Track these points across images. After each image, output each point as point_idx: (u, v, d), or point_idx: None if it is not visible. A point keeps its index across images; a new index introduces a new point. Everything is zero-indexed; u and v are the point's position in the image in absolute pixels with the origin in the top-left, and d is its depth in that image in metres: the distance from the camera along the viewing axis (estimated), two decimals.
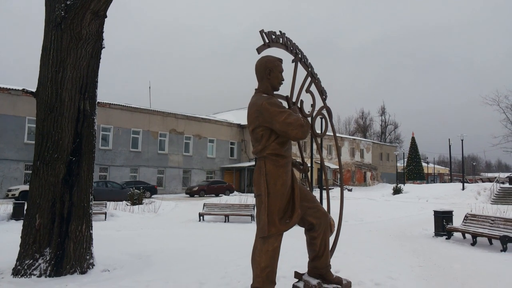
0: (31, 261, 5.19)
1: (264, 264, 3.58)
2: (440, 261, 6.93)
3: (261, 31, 3.95)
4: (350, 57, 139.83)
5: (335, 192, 27.15)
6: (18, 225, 6.75)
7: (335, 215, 4.13)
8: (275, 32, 4.11)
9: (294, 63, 4.38)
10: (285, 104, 4.01)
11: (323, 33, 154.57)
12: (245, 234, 9.29)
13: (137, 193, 19.03)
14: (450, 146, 41.62)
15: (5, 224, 12.17)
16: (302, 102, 4.30)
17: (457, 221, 10.64)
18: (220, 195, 29.81)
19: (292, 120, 3.54)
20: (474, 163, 73.09)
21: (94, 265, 5.65)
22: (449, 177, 53.61)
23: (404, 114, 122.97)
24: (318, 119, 4.80)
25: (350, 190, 38.39)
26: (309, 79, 4.56)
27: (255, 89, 3.91)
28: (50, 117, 5.48)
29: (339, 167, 4.94)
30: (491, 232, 8.77)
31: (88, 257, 5.58)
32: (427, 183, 53.73)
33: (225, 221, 13.96)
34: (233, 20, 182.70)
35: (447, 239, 9.80)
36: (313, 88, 4.60)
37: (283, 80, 3.95)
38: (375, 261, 6.53)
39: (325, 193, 5.08)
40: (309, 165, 4.55)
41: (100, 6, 5.52)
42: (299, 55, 4.45)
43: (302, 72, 4.46)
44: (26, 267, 5.17)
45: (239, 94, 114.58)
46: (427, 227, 11.54)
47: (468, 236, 9.48)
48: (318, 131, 4.68)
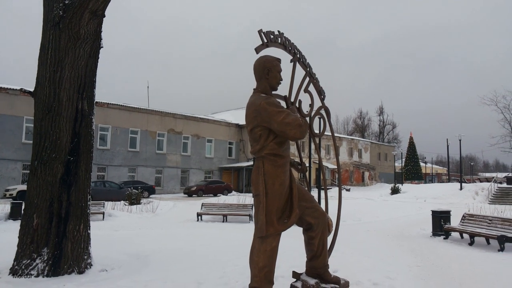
0: (29, 261, 5.18)
1: (262, 264, 3.58)
2: (438, 261, 6.95)
3: (260, 31, 3.95)
4: (348, 57, 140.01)
5: (333, 192, 27.25)
6: (16, 225, 6.74)
7: (333, 215, 4.14)
8: (273, 32, 4.11)
9: (292, 63, 4.39)
10: (283, 104, 4.01)
11: (322, 33, 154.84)
12: (243, 234, 9.29)
13: (135, 193, 19.02)
14: (448, 146, 41.73)
15: (2, 224, 12.15)
16: (300, 102, 4.30)
17: (454, 221, 10.67)
18: (218, 195, 29.80)
19: (290, 120, 3.54)
20: (472, 163, 73.27)
21: (92, 265, 5.64)
22: (447, 177, 53.66)
23: (402, 114, 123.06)
24: (316, 119, 4.81)
25: (348, 190, 38.41)
26: (307, 79, 4.56)
27: (254, 89, 3.91)
28: (48, 116, 5.47)
29: (337, 167, 4.94)
30: (488, 232, 8.80)
31: (86, 257, 5.57)
32: (425, 183, 53.78)
33: (223, 221, 13.96)
34: (232, 20, 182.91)
35: (445, 239, 9.83)
36: (312, 88, 4.61)
37: (282, 80, 3.95)
38: (373, 261, 6.54)
39: (323, 193, 5.09)
40: (307, 165, 4.55)
41: (98, 5, 5.51)
42: (298, 55, 4.45)
43: (300, 72, 4.47)
44: (23, 267, 5.16)
45: (238, 94, 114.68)
46: (425, 227, 11.57)
47: (466, 236, 9.50)
48: (316, 131, 4.68)
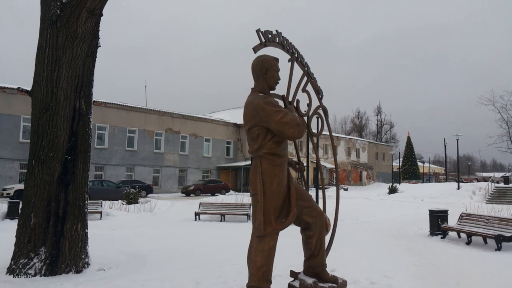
0: (26, 260, 5.17)
1: (260, 263, 3.58)
2: (435, 260, 6.97)
3: (258, 31, 3.94)
4: (347, 56, 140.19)
5: (331, 191, 27.28)
6: (13, 224, 6.72)
7: (331, 214, 4.14)
8: (271, 32, 4.11)
9: (290, 63, 4.39)
10: (281, 103, 4.02)
11: (321, 32, 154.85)
12: (241, 233, 9.29)
13: (132, 192, 19.00)
14: (445, 145, 41.77)
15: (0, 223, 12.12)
16: (298, 101, 4.30)
17: (452, 221, 10.70)
18: (216, 194, 29.78)
19: (288, 119, 3.54)
20: (469, 163, 73.47)
21: (89, 264, 5.64)
22: (444, 176, 53.84)
23: (400, 113, 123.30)
24: (314, 119, 4.81)
25: (346, 190, 38.49)
26: (305, 78, 4.56)
27: (252, 88, 3.90)
28: (45, 115, 5.45)
29: (335, 166, 4.94)
30: (486, 231, 8.83)
31: (83, 256, 5.57)
32: (423, 182, 53.95)
33: (221, 220, 13.96)
34: (231, 20, 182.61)
35: (442, 238, 9.85)
36: (309, 88, 4.60)
37: (280, 79, 3.95)
38: (370, 260, 6.55)
39: (321, 192, 5.09)
40: (305, 164, 4.55)
41: (96, 4, 5.49)
42: (295, 55, 4.45)
43: (298, 72, 4.47)
44: (21, 266, 5.15)
45: (236, 94, 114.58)
46: (422, 226, 11.59)
47: (463, 235, 9.53)
48: (314, 130, 4.68)
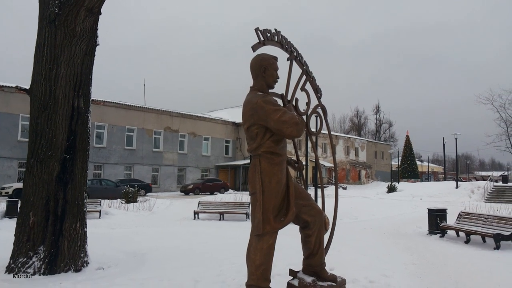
0: (25, 259, 5.16)
1: (259, 262, 3.58)
2: (433, 259, 6.98)
3: (256, 29, 3.94)
4: (346, 55, 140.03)
5: (330, 190, 27.29)
6: (12, 223, 6.71)
7: (329, 213, 4.14)
8: (270, 30, 4.10)
9: (289, 61, 4.38)
10: (280, 102, 4.01)
11: (320, 30, 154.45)
12: (240, 232, 9.30)
13: (131, 191, 19.00)
14: (444, 144, 41.91)
15: None
16: (297, 100, 4.30)
17: (450, 219, 10.72)
18: (215, 193, 29.79)
19: (287, 118, 3.54)
20: (468, 162, 73.62)
21: (88, 263, 5.63)
22: (443, 175, 53.93)
23: (399, 112, 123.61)
24: (313, 117, 4.80)
25: (345, 188, 38.50)
26: (304, 77, 4.55)
27: (250, 87, 3.90)
28: (43, 114, 5.44)
29: (333, 165, 4.94)
30: (484, 230, 8.84)
31: (82, 255, 5.56)
32: (421, 181, 54.01)
33: (220, 219, 13.97)
34: (230, 19, 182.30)
35: (441, 237, 9.87)
36: (308, 86, 4.60)
37: (278, 78, 3.94)
38: (369, 259, 6.56)
39: (320, 191, 5.09)
40: (304, 163, 4.55)
41: (94, 3, 5.48)
42: (294, 53, 4.44)
43: (297, 70, 4.46)
44: (19, 265, 5.14)
45: (234, 92, 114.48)
46: (421, 225, 11.62)
47: (462, 234, 9.55)
48: (313, 129, 4.68)
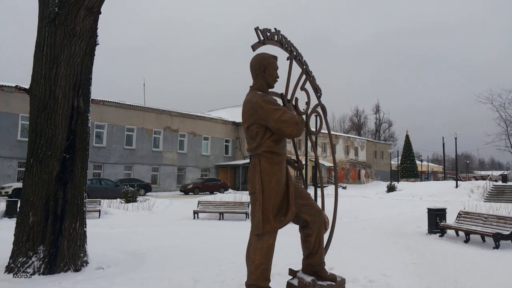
0: (25, 258, 5.16)
1: (258, 261, 3.58)
2: (433, 258, 6.98)
3: (256, 28, 3.94)
4: (346, 55, 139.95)
5: (330, 189, 27.31)
6: (11, 223, 6.70)
7: (329, 212, 4.14)
8: (270, 30, 4.10)
9: (289, 61, 4.38)
10: (280, 101, 4.01)
11: (320, 30, 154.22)
12: (240, 231, 9.29)
13: (131, 190, 18.99)
14: (443, 144, 41.95)
15: None
16: (297, 99, 4.30)
17: (450, 219, 10.72)
18: (214, 192, 29.79)
19: (286, 117, 3.54)
20: (468, 161, 73.62)
21: (88, 263, 5.63)
22: (443, 175, 53.96)
23: (399, 112, 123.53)
24: (313, 117, 4.80)
25: (345, 188, 38.51)
26: (304, 76, 4.55)
27: (250, 87, 3.90)
28: (43, 114, 5.44)
29: (333, 164, 4.94)
30: (484, 229, 8.85)
31: (82, 254, 5.56)
32: (421, 181, 54.07)
33: (219, 219, 13.97)
34: (230, 18, 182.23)
35: (440, 236, 9.87)
36: (308, 86, 4.60)
37: (278, 77, 3.94)
38: (369, 258, 6.57)
39: (319, 190, 5.09)
40: (303, 162, 4.55)
41: (94, 2, 5.48)
42: (294, 53, 4.44)
43: (297, 70, 4.46)
44: (19, 265, 5.14)
45: (234, 92, 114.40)
46: (420, 224, 11.62)
47: (461, 233, 9.55)
48: (313, 128, 4.68)
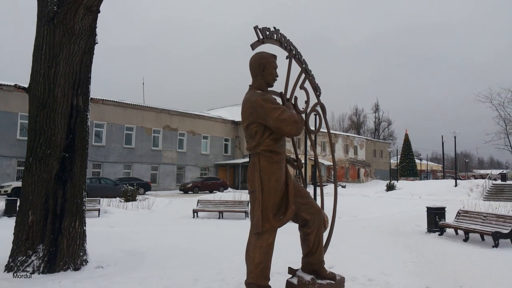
0: (24, 257, 5.16)
1: (258, 260, 3.59)
2: (432, 257, 6.99)
3: (255, 27, 3.93)
4: (345, 54, 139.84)
5: (329, 188, 27.31)
6: (11, 222, 6.70)
7: (328, 211, 4.15)
8: (269, 28, 4.10)
9: (288, 60, 4.38)
10: (279, 100, 4.01)
11: (319, 29, 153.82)
12: (239, 230, 9.30)
13: (130, 189, 18.99)
14: (443, 143, 41.97)
15: None
16: (296, 98, 4.30)
17: (449, 218, 10.73)
18: (214, 191, 29.76)
19: (286, 116, 3.54)
20: (467, 160, 73.57)
21: (87, 262, 5.63)
22: (442, 173, 53.97)
23: (398, 111, 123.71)
24: (312, 116, 4.80)
25: (344, 187, 38.58)
26: (303, 75, 4.56)
27: (249, 86, 3.90)
28: (42, 113, 5.43)
29: (333, 163, 4.95)
30: (483, 228, 8.86)
31: (81, 253, 5.56)
32: (420, 179, 54.08)
33: (219, 218, 13.97)
34: (230, 17, 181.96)
35: (439, 235, 9.88)
36: (307, 85, 4.60)
37: (277, 76, 3.94)
38: (368, 257, 6.57)
39: (319, 189, 5.10)
40: (303, 161, 4.55)
41: (93, 1, 5.47)
42: (293, 52, 4.44)
43: (296, 69, 4.46)
44: (19, 264, 5.14)
45: (234, 91, 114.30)
46: (420, 223, 11.62)
47: (461, 232, 9.56)
48: (312, 127, 4.68)
